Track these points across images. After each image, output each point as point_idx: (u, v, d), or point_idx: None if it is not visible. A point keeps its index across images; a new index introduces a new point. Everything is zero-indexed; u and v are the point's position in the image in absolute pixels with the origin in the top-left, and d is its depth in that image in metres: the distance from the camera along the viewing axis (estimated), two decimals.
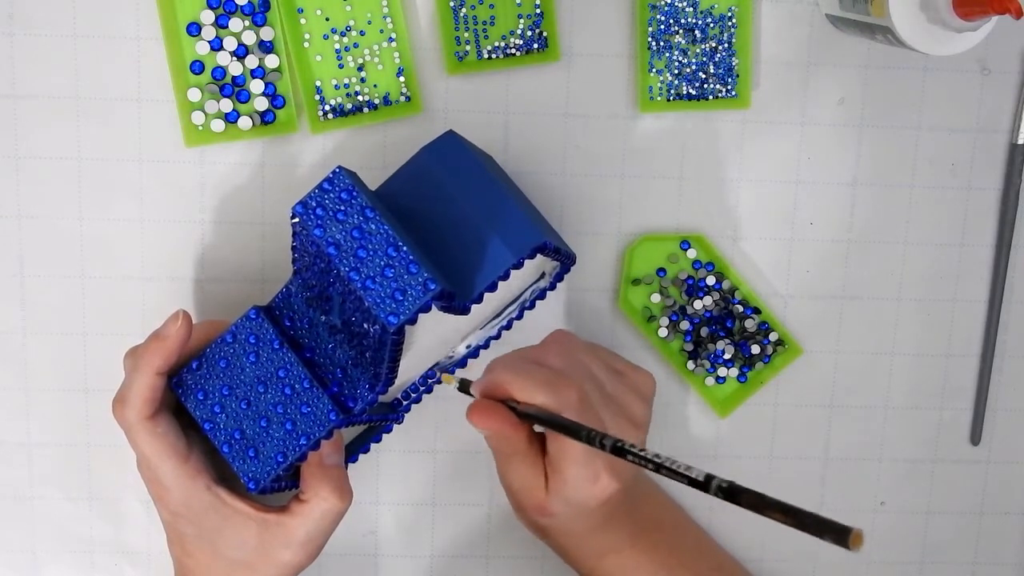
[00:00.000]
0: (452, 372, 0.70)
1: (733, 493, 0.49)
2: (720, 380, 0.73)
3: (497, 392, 0.61)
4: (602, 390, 0.63)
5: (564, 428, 0.59)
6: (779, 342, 0.73)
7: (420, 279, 0.56)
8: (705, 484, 0.50)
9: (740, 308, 0.72)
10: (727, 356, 0.72)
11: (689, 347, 0.72)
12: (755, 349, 0.72)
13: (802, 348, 0.73)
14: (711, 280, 0.71)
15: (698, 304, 0.71)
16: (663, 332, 0.71)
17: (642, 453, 0.54)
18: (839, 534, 0.43)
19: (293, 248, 0.61)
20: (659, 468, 0.53)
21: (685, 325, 0.71)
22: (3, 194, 0.68)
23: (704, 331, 0.72)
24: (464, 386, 0.64)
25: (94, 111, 0.68)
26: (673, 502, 0.74)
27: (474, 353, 0.70)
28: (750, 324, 0.72)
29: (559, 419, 0.59)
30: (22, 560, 0.72)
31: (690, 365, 0.72)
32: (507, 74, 0.69)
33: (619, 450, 0.55)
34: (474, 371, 0.67)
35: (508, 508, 0.73)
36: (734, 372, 0.72)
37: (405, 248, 0.56)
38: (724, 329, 0.72)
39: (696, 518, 0.75)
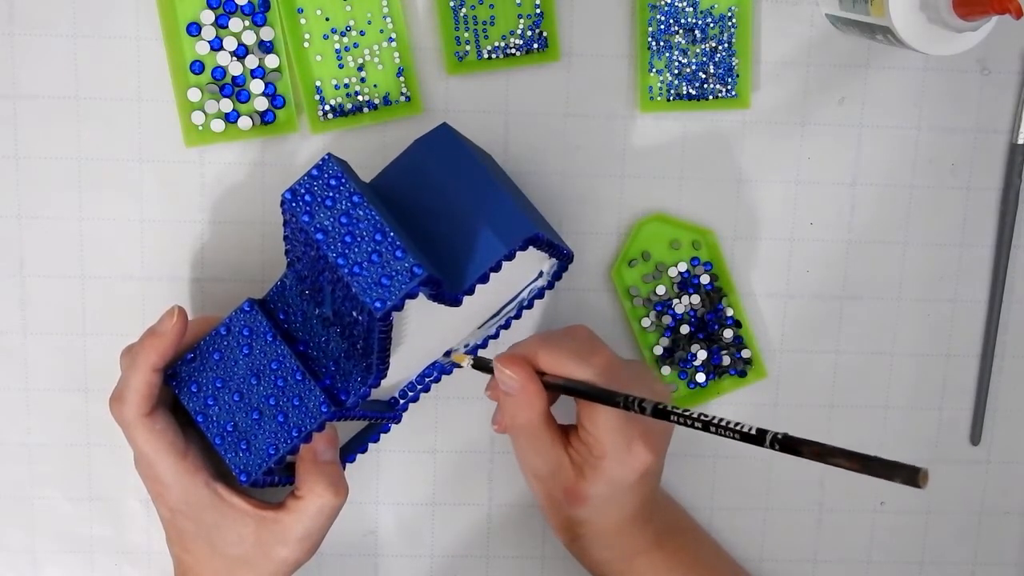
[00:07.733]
0: (451, 372, 0.70)
1: (791, 445, 0.48)
2: (682, 376, 0.72)
3: (523, 360, 0.62)
4: (627, 364, 0.64)
5: (598, 396, 0.58)
6: (748, 361, 0.72)
7: (406, 265, 0.56)
8: (759, 438, 0.49)
9: (724, 315, 0.72)
10: (698, 361, 0.72)
11: (666, 343, 0.72)
12: (725, 360, 0.72)
13: (767, 372, 0.73)
14: (705, 279, 0.71)
15: (686, 300, 0.71)
16: (646, 323, 0.71)
17: (686, 413, 0.52)
18: (909, 474, 0.43)
19: (285, 238, 0.61)
20: (707, 427, 0.51)
21: (668, 320, 0.71)
22: (3, 194, 0.68)
23: (684, 328, 0.71)
24: (480, 364, 0.64)
25: (94, 111, 0.68)
26: (687, 512, 0.74)
27: (472, 352, 0.70)
28: (728, 334, 0.72)
29: (592, 388, 0.59)
30: (22, 560, 0.72)
31: (665, 369, 0.72)
32: (507, 74, 0.69)
33: (661, 412, 0.54)
34: (472, 371, 0.67)
35: (508, 508, 0.74)
36: (700, 377, 0.72)
37: (392, 234, 0.56)
38: (704, 331, 0.72)
39: (696, 519, 0.75)
